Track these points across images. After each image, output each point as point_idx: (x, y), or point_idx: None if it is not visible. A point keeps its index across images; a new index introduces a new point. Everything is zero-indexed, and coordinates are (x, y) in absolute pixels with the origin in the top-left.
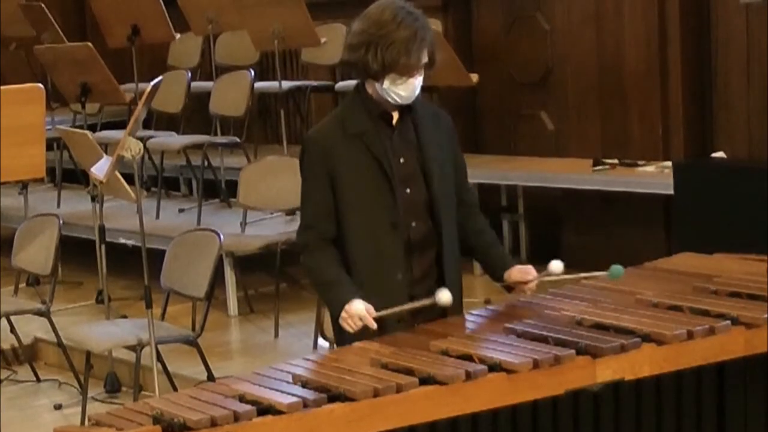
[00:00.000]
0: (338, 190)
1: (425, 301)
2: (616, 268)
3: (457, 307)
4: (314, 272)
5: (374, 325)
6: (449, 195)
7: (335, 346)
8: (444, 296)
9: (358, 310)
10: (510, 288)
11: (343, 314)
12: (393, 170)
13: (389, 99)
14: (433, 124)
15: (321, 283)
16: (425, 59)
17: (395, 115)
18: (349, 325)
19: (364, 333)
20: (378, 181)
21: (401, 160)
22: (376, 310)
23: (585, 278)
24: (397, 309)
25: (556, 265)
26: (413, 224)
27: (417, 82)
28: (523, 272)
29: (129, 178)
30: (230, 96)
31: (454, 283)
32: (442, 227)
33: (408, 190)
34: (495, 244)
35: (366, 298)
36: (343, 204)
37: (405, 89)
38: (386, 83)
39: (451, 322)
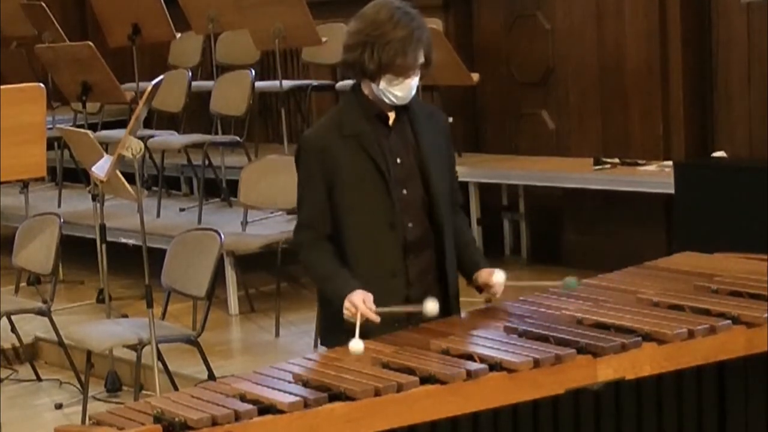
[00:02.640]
0: (335, 191)
1: (412, 308)
2: (570, 280)
3: (454, 308)
4: (313, 267)
5: (377, 319)
6: (446, 195)
7: (319, 342)
8: (430, 307)
9: (356, 300)
10: (480, 289)
11: (347, 303)
12: (390, 171)
13: (386, 99)
14: (429, 124)
15: (320, 277)
16: (422, 59)
17: (392, 116)
18: (354, 314)
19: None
20: (375, 181)
21: (398, 161)
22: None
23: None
24: (387, 309)
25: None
26: (409, 225)
27: (413, 82)
28: (490, 275)
29: (130, 178)
30: (231, 95)
31: (454, 283)
32: (443, 227)
33: (405, 191)
34: (472, 243)
35: None
36: (340, 205)
37: (401, 90)
38: (383, 84)
39: (452, 321)
